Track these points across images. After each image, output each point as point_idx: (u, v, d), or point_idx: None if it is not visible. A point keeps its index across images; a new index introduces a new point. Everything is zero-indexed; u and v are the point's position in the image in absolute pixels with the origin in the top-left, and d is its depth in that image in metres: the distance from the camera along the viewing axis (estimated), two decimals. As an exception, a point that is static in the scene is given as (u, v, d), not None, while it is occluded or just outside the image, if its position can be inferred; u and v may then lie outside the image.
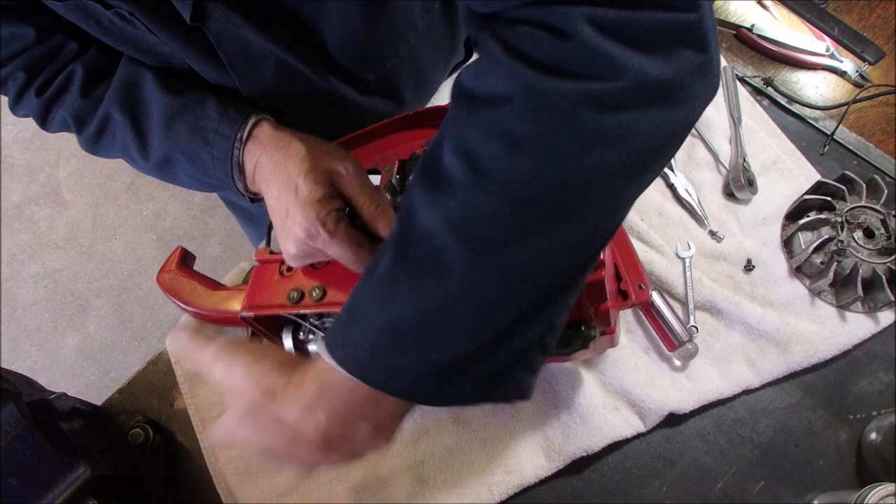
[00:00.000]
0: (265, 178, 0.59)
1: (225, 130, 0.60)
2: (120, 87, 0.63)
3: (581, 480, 0.69)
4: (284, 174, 0.56)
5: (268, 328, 0.66)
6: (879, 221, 0.75)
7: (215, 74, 0.64)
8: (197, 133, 0.61)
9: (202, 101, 0.62)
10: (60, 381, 1.84)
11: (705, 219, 0.79)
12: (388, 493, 0.69)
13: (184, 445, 0.74)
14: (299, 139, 0.58)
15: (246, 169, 0.61)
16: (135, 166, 0.69)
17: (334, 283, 0.58)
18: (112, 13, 0.55)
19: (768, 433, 0.70)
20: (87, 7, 0.55)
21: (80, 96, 0.63)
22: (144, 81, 0.63)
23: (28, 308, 1.96)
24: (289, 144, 0.58)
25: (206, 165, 0.62)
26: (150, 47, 0.61)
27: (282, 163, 0.57)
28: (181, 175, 0.66)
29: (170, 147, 0.63)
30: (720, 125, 0.84)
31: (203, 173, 0.64)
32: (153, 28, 0.56)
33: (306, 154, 0.56)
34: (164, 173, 0.67)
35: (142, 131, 0.64)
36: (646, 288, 0.63)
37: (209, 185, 0.67)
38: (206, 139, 0.61)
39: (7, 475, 0.56)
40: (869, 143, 0.84)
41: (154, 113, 0.62)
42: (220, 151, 0.60)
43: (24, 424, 0.58)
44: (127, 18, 0.56)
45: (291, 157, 0.57)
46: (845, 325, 0.73)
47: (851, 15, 0.92)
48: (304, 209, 0.54)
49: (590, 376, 0.71)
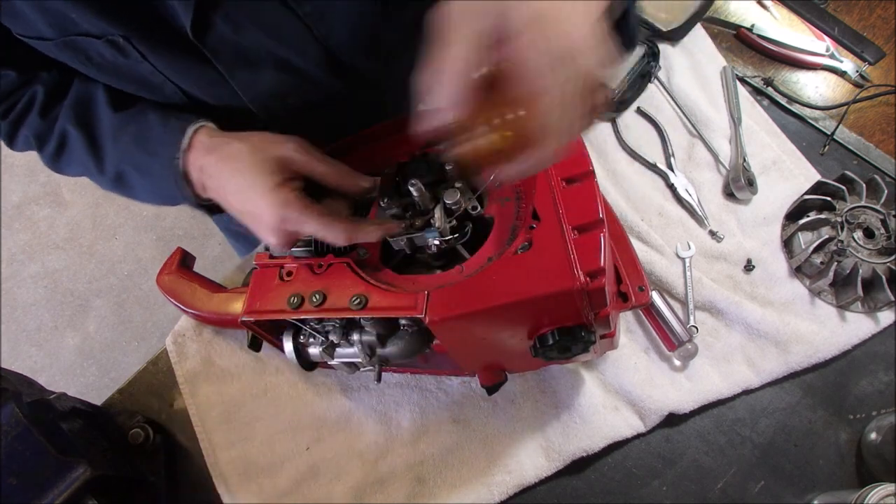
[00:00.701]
0: (216, 184, 0.60)
1: (167, 140, 0.61)
2: (74, 104, 0.65)
3: (581, 480, 0.69)
4: (235, 176, 0.58)
5: (268, 331, 0.66)
6: (879, 221, 0.75)
7: (211, 91, 0.64)
8: (142, 145, 0.63)
9: (144, 112, 0.63)
10: (60, 381, 1.84)
11: (705, 219, 0.79)
12: (388, 493, 0.69)
13: (184, 445, 0.74)
14: (237, 139, 0.59)
15: (192, 178, 0.62)
16: (96, 182, 0.71)
17: (334, 288, 0.58)
18: (103, 43, 0.56)
19: (768, 433, 0.70)
20: (77, 43, 0.56)
21: (39, 117, 0.65)
22: (96, 97, 0.64)
23: (28, 308, 1.96)
24: (228, 146, 0.59)
25: (156, 176, 0.63)
26: (144, 78, 0.61)
27: (229, 166, 0.58)
28: (137, 188, 0.68)
29: (120, 160, 0.65)
30: (720, 125, 0.84)
31: (155, 184, 0.65)
32: (148, 52, 0.57)
33: (248, 150, 0.58)
34: (121, 188, 0.69)
35: (97, 146, 0.65)
36: (646, 290, 0.63)
37: (162, 196, 0.67)
38: (151, 151, 0.62)
39: (7, 475, 0.57)
40: (869, 143, 0.84)
41: (105, 127, 0.64)
42: (165, 161, 0.61)
43: (24, 424, 0.58)
44: (119, 46, 0.56)
45: (235, 157, 0.58)
46: (845, 325, 0.73)
47: (851, 15, 0.92)
48: (266, 199, 0.55)
49: (590, 376, 0.71)
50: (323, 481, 0.70)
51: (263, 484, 0.70)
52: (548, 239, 0.51)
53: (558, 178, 0.54)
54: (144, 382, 0.77)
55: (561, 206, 0.52)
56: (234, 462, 0.71)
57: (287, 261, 0.62)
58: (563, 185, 0.54)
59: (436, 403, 0.72)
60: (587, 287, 0.47)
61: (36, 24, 0.55)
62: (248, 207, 0.58)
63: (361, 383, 0.74)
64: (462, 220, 0.61)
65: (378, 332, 0.60)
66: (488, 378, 0.62)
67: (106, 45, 0.56)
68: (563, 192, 0.53)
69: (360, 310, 0.55)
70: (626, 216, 0.78)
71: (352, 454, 0.71)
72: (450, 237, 0.59)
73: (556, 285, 0.48)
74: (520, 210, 0.60)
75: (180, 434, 0.74)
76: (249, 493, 0.70)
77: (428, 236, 0.59)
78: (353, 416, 0.72)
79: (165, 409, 0.76)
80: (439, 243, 0.59)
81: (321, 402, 0.73)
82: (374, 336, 0.60)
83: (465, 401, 0.72)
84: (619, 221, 0.73)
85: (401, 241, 0.60)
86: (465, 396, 0.72)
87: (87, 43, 0.56)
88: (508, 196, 0.61)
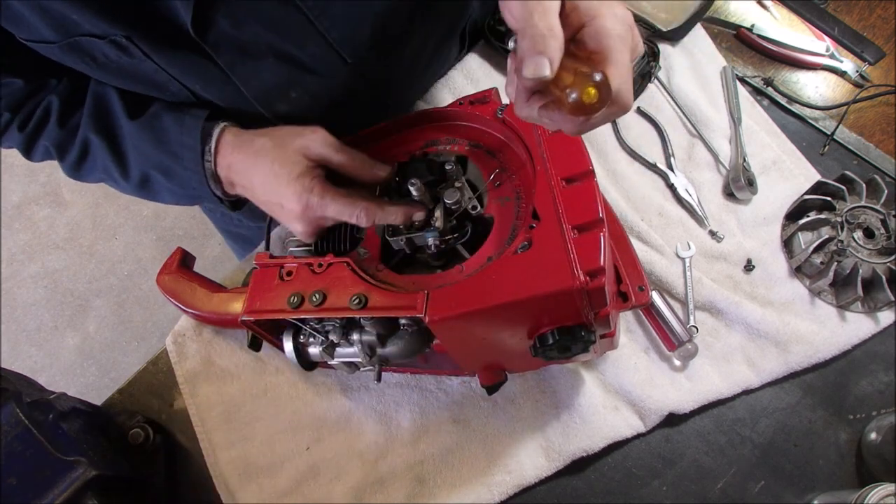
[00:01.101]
0: (243, 180, 0.64)
1: (189, 142, 0.64)
2: (92, 111, 0.65)
3: (581, 480, 0.69)
4: (261, 169, 0.61)
5: (268, 331, 0.66)
6: (879, 221, 0.75)
7: (215, 89, 0.64)
8: (163, 147, 0.65)
9: (159, 115, 0.65)
10: (60, 381, 1.84)
11: (705, 219, 0.79)
12: (388, 493, 0.69)
13: (184, 445, 0.74)
14: (260, 135, 0.63)
15: (221, 176, 0.65)
16: (118, 188, 0.73)
17: (334, 287, 0.58)
18: (106, 43, 0.56)
19: (768, 433, 0.70)
20: (81, 44, 0.56)
21: (59, 126, 0.66)
22: (112, 103, 0.65)
23: (28, 308, 1.96)
24: (253, 142, 0.63)
25: (181, 177, 0.66)
26: (148, 77, 0.62)
27: (253, 161, 0.62)
28: (162, 191, 0.70)
29: (144, 164, 0.67)
30: (720, 125, 0.84)
31: (179, 185, 0.67)
32: (151, 51, 0.57)
33: (272, 144, 0.62)
34: (146, 192, 0.71)
35: (120, 152, 0.67)
36: (646, 290, 0.63)
37: (188, 196, 0.70)
38: (173, 153, 0.65)
39: (7, 475, 0.57)
40: (869, 143, 0.84)
41: (124, 133, 0.65)
42: (191, 163, 0.64)
43: (25, 424, 0.58)
44: (122, 46, 0.57)
45: (259, 152, 0.62)
46: (845, 325, 0.73)
47: (851, 15, 0.92)
48: (291, 188, 0.59)
49: (590, 376, 0.71)
50: (323, 481, 0.70)
51: (263, 484, 0.70)
52: (548, 238, 0.51)
53: (558, 178, 0.54)
54: (144, 382, 0.77)
55: (561, 205, 0.52)
56: (234, 462, 0.71)
57: (287, 260, 0.62)
58: (563, 185, 0.54)
59: (436, 403, 0.72)
60: (587, 286, 0.47)
61: (37, 27, 0.55)
62: (274, 198, 0.61)
63: (361, 383, 0.74)
64: (462, 220, 0.61)
65: (378, 332, 0.60)
66: (488, 378, 0.62)
67: (109, 45, 0.56)
68: (562, 192, 0.53)
69: (359, 309, 0.55)
70: (626, 216, 0.78)
71: (352, 454, 0.71)
72: (450, 237, 0.59)
73: (556, 285, 0.48)
74: (520, 210, 0.60)
75: (180, 434, 0.74)
76: (249, 493, 0.70)
77: (428, 236, 0.59)
78: (353, 416, 0.72)
79: (165, 409, 0.76)
80: (439, 243, 0.59)
81: (321, 402, 0.73)
82: (374, 336, 0.60)
83: (465, 401, 0.72)
84: (618, 221, 0.74)
85: (401, 241, 0.60)
86: (465, 396, 0.72)
87: (90, 44, 0.56)
88: (508, 196, 0.61)
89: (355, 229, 0.65)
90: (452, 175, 0.63)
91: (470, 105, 0.68)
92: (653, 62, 0.84)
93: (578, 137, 0.58)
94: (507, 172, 0.63)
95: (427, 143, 0.70)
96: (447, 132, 0.70)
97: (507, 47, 0.42)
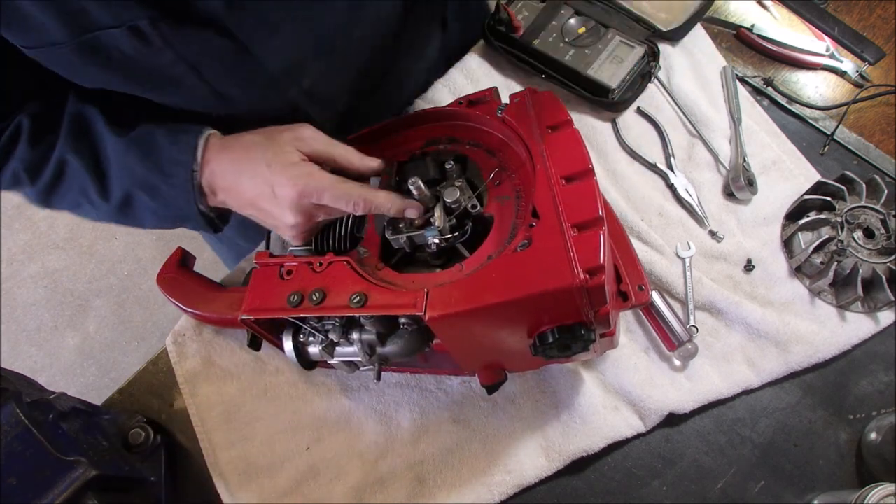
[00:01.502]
0: (229, 181, 0.61)
1: (182, 158, 0.61)
2: (71, 130, 0.62)
3: (581, 480, 0.69)
4: (251, 163, 0.59)
5: (268, 330, 0.66)
6: (879, 221, 0.75)
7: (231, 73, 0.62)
8: (152, 164, 0.62)
9: (151, 132, 0.62)
10: (60, 381, 1.84)
11: (705, 219, 0.79)
12: (388, 493, 0.69)
13: (184, 445, 0.74)
14: (249, 133, 0.62)
15: (204, 185, 0.62)
16: (92, 213, 0.68)
17: (334, 286, 0.58)
18: (123, 32, 0.53)
19: (768, 433, 0.70)
20: (98, 41, 0.53)
21: (30, 147, 0.63)
22: (95, 122, 0.63)
23: (28, 308, 1.96)
24: (242, 139, 0.61)
25: (166, 196, 0.63)
26: (163, 71, 0.59)
27: (244, 153, 0.60)
28: (144, 212, 0.66)
29: (128, 183, 0.63)
30: (720, 125, 0.84)
31: (164, 206, 0.64)
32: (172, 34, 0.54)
33: (264, 138, 0.60)
34: (124, 214, 0.67)
35: (101, 171, 0.63)
36: (646, 289, 0.63)
37: (171, 218, 0.67)
38: (162, 170, 0.62)
39: (7, 475, 0.56)
40: (869, 143, 0.84)
41: (108, 152, 0.62)
42: (180, 179, 0.61)
43: (25, 424, 0.58)
44: (142, 33, 0.53)
45: (249, 146, 0.60)
46: (845, 325, 0.73)
47: (851, 15, 0.92)
48: (287, 172, 0.57)
49: (590, 376, 0.71)
50: (323, 481, 0.70)
51: (263, 484, 0.70)
52: (547, 237, 0.51)
53: (558, 177, 0.54)
54: (144, 382, 0.77)
55: (560, 204, 0.52)
56: (234, 462, 0.71)
57: (287, 259, 0.62)
58: (563, 184, 0.54)
59: (436, 403, 0.72)
60: (587, 284, 0.47)
61: (48, 27, 0.52)
62: (265, 188, 0.59)
63: (361, 383, 0.74)
64: (462, 219, 0.61)
65: (378, 331, 0.60)
66: (488, 377, 0.62)
67: (127, 34, 0.53)
68: (562, 191, 0.53)
69: (359, 308, 0.55)
70: (626, 216, 0.78)
71: (352, 454, 0.71)
72: (449, 235, 0.59)
73: (556, 283, 0.48)
74: (519, 208, 0.60)
75: (180, 434, 0.74)
76: (249, 493, 0.70)
77: (428, 235, 0.59)
78: (353, 416, 0.72)
79: (165, 409, 0.76)
80: (439, 242, 0.59)
81: (321, 402, 0.73)
82: (374, 335, 0.60)
83: (465, 401, 0.72)
84: (618, 221, 0.74)
85: (400, 240, 0.60)
86: (465, 396, 0.72)
87: (107, 38, 0.53)
88: (508, 194, 0.61)
89: (355, 228, 0.65)
90: (452, 174, 0.63)
91: (469, 104, 0.68)
92: (653, 62, 0.84)
93: (578, 136, 0.58)
94: (506, 171, 0.63)
95: (427, 143, 0.70)
96: (447, 131, 0.70)
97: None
